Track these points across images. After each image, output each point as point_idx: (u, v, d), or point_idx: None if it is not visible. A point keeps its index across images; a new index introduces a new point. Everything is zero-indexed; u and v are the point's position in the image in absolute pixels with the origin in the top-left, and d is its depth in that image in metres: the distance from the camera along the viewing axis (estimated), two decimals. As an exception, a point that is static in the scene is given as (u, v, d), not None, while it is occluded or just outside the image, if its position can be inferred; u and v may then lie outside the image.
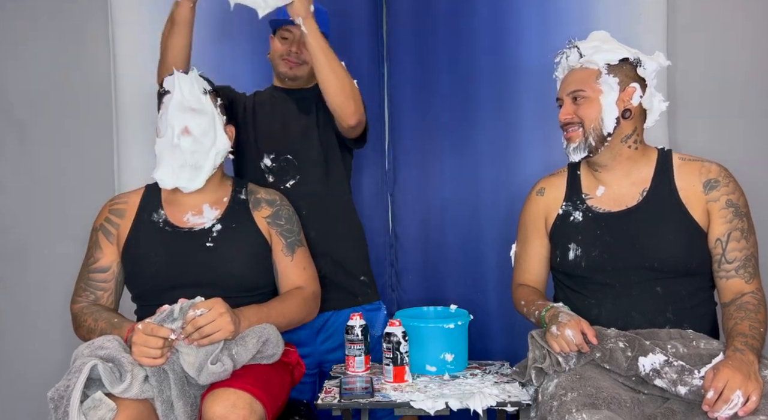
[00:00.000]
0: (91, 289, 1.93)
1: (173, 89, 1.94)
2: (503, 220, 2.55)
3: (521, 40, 2.58)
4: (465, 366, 2.01)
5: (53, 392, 1.60)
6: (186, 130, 1.89)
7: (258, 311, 1.83)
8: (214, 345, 1.70)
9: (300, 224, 2.06)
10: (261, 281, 1.97)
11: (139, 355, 1.66)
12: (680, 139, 2.61)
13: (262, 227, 1.99)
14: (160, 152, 1.92)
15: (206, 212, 1.97)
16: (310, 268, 2.03)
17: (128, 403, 1.64)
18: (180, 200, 1.97)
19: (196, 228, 1.95)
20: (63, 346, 1.96)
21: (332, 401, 1.79)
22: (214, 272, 1.90)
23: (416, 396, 1.77)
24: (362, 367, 1.97)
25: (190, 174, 1.91)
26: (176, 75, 1.95)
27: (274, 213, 2.01)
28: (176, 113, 1.90)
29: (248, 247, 1.95)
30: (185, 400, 1.69)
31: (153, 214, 1.97)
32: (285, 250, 1.99)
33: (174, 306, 1.72)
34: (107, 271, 1.94)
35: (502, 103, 2.59)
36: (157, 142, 1.93)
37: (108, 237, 1.96)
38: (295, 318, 1.92)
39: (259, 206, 2.01)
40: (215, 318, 1.68)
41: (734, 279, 1.78)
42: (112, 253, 1.95)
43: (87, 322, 1.85)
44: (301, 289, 1.97)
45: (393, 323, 1.90)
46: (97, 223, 1.99)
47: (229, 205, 1.99)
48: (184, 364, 1.69)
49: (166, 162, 1.91)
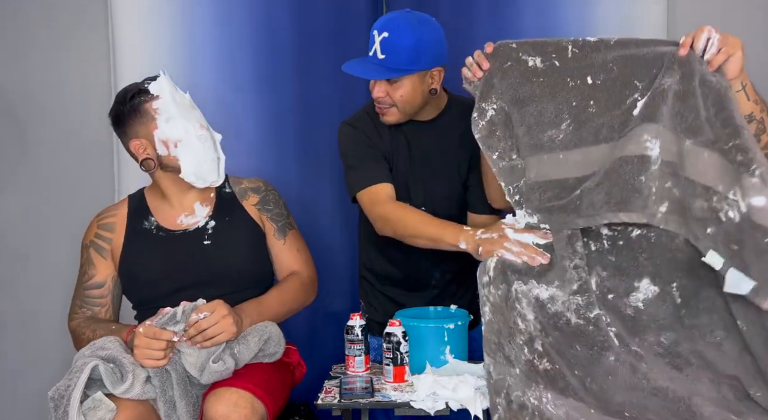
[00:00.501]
0: (88, 306, 1.92)
1: (162, 93, 1.88)
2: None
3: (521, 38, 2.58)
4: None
5: (54, 392, 1.61)
6: (201, 126, 1.91)
7: (258, 305, 1.84)
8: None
9: (287, 208, 2.06)
10: (263, 270, 1.97)
11: (142, 357, 1.67)
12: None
13: (253, 215, 1.99)
14: (182, 155, 1.87)
15: (198, 210, 1.96)
16: (304, 250, 2.04)
17: (128, 404, 1.64)
18: (171, 203, 1.96)
19: (191, 228, 1.94)
20: (63, 347, 1.96)
21: (332, 401, 1.79)
22: (215, 268, 1.90)
23: (416, 396, 1.77)
24: (362, 367, 1.97)
25: (216, 166, 1.92)
26: (162, 78, 1.90)
27: (261, 199, 2.02)
28: (186, 114, 1.89)
29: (245, 238, 1.95)
30: (187, 399, 1.69)
31: (143, 222, 1.96)
32: (277, 234, 1.99)
33: (176, 309, 1.72)
34: (103, 287, 1.93)
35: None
36: (175, 152, 1.87)
37: (101, 252, 1.94)
38: (294, 305, 1.94)
39: (246, 195, 2.01)
40: (218, 320, 1.69)
41: None
42: (106, 268, 1.93)
43: (86, 334, 1.83)
44: (297, 274, 1.98)
45: (393, 323, 1.90)
46: (86, 240, 1.96)
47: (217, 199, 1.99)
48: (186, 364, 1.70)
49: (194, 161, 1.88)
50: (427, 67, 1.94)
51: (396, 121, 2.02)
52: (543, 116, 1.73)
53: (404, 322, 1.92)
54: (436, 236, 1.86)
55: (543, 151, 1.72)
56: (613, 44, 1.70)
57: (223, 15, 2.56)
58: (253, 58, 2.58)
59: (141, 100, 1.87)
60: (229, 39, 2.59)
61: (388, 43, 1.88)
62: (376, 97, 1.96)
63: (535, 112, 1.74)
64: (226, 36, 2.59)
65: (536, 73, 1.75)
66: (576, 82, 1.72)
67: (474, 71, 1.80)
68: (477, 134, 1.78)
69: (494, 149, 1.77)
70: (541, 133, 1.73)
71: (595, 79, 1.70)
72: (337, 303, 2.56)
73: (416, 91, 1.95)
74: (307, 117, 2.60)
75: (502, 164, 1.76)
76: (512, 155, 1.76)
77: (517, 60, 1.77)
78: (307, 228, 2.16)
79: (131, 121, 1.88)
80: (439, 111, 2.10)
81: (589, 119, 1.70)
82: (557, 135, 1.72)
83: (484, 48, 1.80)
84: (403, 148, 2.10)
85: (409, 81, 1.93)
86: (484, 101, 1.79)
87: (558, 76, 1.73)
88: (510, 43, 1.79)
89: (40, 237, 2.72)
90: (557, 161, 1.71)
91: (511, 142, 1.76)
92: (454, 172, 2.11)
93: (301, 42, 2.58)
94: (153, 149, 1.89)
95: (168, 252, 1.92)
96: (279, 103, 2.59)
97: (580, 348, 1.63)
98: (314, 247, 2.11)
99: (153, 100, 1.87)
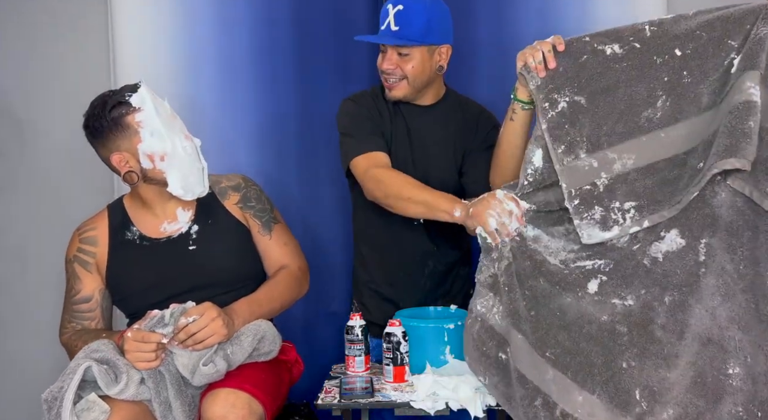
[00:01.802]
0: (77, 320, 1.92)
1: (144, 105, 1.81)
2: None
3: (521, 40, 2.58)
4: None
5: (47, 393, 1.61)
6: (186, 136, 1.88)
7: (249, 304, 1.83)
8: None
9: (270, 201, 2.04)
10: (252, 269, 1.96)
11: (134, 360, 1.66)
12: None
13: (236, 214, 1.97)
14: (169, 169, 1.83)
15: (180, 216, 1.94)
16: (291, 242, 2.02)
17: (123, 405, 1.64)
18: (153, 212, 1.93)
19: (174, 235, 1.92)
20: (61, 348, 1.96)
21: (332, 401, 1.79)
22: (204, 272, 1.88)
23: (416, 396, 1.77)
24: (362, 367, 1.97)
25: (201, 176, 1.89)
26: (143, 89, 1.83)
27: (242, 197, 1.99)
28: (170, 125, 1.84)
29: (230, 239, 1.94)
30: (183, 400, 1.69)
31: (126, 233, 1.93)
32: (262, 230, 1.98)
33: (165, 311, 1.71)
34: (90, 301, 1.92)
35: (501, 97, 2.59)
36: (160, 165, 1.83)
37: (85, 266, 1.92)
38: (287, 299, 1.93)
39: (226, 195, 1.98)
40: (208, 323, 1.68)
41: None
42: (92, 281, 1.92)
43: (78, 346, 1.81)
44: (286, 267, 1.96)
45: (393, 323, 1.89)
46: (69, 255, 1.95)
47: (198, 202, 1.96)
48: (179, 366, 1.70)
49: (181, 174, 1.84)
50: (438, 41, 2.02)
51: (403, 95, 2.06)
52: (634, 98, 1.70)
53: (404, 322, 1.91)
54: (431, 201, 1.88)
55: (641, 133, 1.68)
56: (692, 15, 1.68)
57: (223, 15, 2.55)
58: (253, 58, 2.58)
59: (122, 112, 1.80)
60: (229, 39, 2.58)
61: (402, 15, 1.97)
62: (387, 69, 2.02)
63: (625, 97, 1.70)
64: (226, 36, 2.58)
65: (617, 60, 1.72)
66: (663, 58, 1.68)
67: (538, 69, 1.77)
68: (545, 124, 1.74)
69: (561, 142, 1.72)
70: (636, 116, 1.69)
71: (684, 49, 1.67)
72: (336, 303, 2.55)
73: (425, 65, 2.02)
74: (307, 117, 2.60)
75: (567, 160, 1.71)
76: (580, 153, 1.70)
77: (593, 51, 1.74)
78: (307, 228, 2.16)
79: (112, 134, 1.81)
80: (438, 98, 2.15)
81: (687, 90, 1.66)
82: (654, 114, 1.68)
83: (555, 46, 1.76)
84: (402, 130, 2.13)
85: (420, 53, 2.00)
86: (557, 92, 1.75)
87: (642, 56, 1.70)
88: (582, 37, 1.76)
89: (40, 237, 2.72)
90: (659, 140, 1.67)
91: (580, 139, 1.71)
92: (450, 157, 2.14)
93: (301, 42, 2.57)
94: (136, 162, 1.83)
95: (154, 261, 1.90)
96: (279, 103, 2.59)
97: (543, 282, 1.64)
98: (313, 247, 2.11)
99: (135, 112, 1.80)
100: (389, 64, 2.02)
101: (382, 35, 2.02)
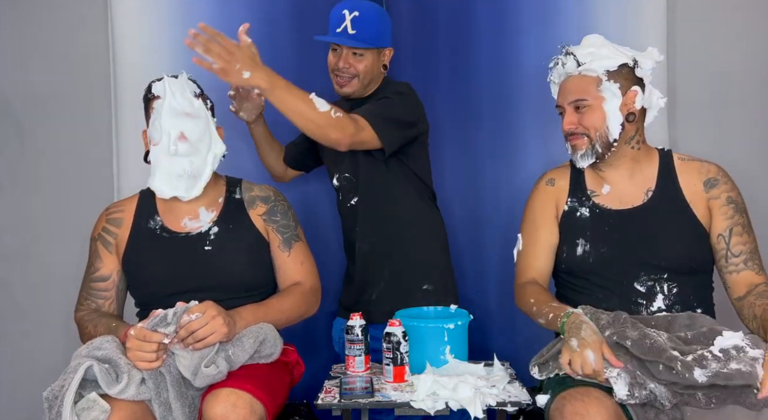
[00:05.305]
0: (93, 298, 1.94)
1: (164, 94, 1.90)
2: (503, 220, 2.55)
3: (521, 39, 2.58)
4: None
5: (48, 392, 1.61)
6: (182, 135, 1.88)
7: (255, 310, 1.83)
8: (209, 347, 1.70)
9: (296, 218, 2.06)
10: (262, 280, 1.97)
11: (135, 359, 1.67)
12: (680, 137, 2.61)
13: (258, 225, 1.98)
14: (155, 160, 1.90)
15: (202, 215, 1.96)
16: (308, 262, 2.02)
17: (123, 405, 1.64)
18: (176, 205, 1.96)
19: (193, 232, 1.94)
20: (63, 347, 1.97)
21: (332, 401, 1.79)
22: (214, 275, 1.90)
23: (416, 396, 1.77)
24: (362, 367, 1.97)
25: (188, 183, 1.90)
26: (166, 79, 1.91)
27: (269, 210, 2.00)
28: (171, 119, 1.88)
29: (246, 247, 1.95)
30: (183, 401, 1.69)
31: (149, 221, 1.97)
32: (282, 246, 1.98)
33: (168, 310, 1.71)
34: (108, 280, 1.95)
35: (502, 103, 2.59)
36: (151, 150, 1.91)
37: (107, 247, 1.96)
38: (293, 314, 1.93)
39: (254, 204, 2.00)
40: (208, 321, 1.69)
41: (744, 271, 1.81)
42: (111, 262, 1.95)
43: (88, 329, 1.86)
44: (299, 284, 1.97)
45: (393, 323, 1.89)
46: (95, 233, 1.99)
47: (224, 205, 1.98)
48: (180, 367, 1.70)
49: (163, 170, 1.89)
50: (387, 44, 2.25)
51: (352, 92, 2.23)
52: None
53: (404, 322, 1.92)
54: None
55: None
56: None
57: (224, 15, 2.55)
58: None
59: (149, 96, 1.95)
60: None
61: (359, 20, 2.16)
62: (342, 67, 2.19)
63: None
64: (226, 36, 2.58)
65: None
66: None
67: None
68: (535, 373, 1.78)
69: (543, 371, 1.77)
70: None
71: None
72: (336, 303, 2.55)
73: (374, 65, 2.22)
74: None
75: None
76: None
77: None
78: (307, 228, 2.15)
79: (145, 112, 1.97)
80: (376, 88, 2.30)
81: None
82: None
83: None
84: None
85: (371, 55, 2.20)
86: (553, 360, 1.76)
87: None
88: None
89: (40, 237, 2.72)
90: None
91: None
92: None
93: (301, 42, 2.57)
94: (147, 143, 1.96)
95: (168, 254, 1.92)
96: (279, 103, 2.58)
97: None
98: (314, 247, 2.10)
99: (155, 99, 1.93)
100: (344, 63, 2.19)
101: (340, 36, 2.16)
